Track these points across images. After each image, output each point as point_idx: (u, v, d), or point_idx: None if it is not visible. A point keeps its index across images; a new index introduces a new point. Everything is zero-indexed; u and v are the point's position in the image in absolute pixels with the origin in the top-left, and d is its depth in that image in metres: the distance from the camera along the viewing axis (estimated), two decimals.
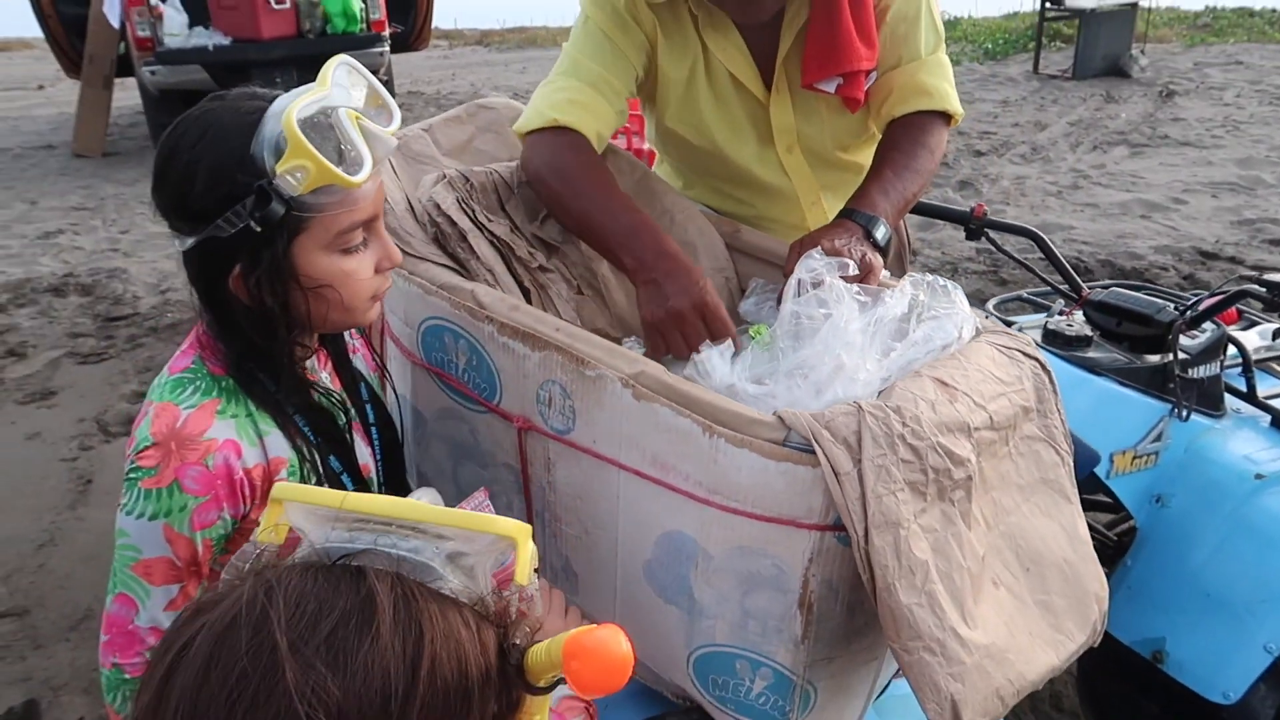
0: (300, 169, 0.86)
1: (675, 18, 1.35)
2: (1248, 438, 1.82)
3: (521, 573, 0.63)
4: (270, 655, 0.50)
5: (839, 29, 1.28)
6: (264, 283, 0.91)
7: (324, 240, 0.93)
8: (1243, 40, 12.31)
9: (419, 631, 0.53)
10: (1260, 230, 5.28)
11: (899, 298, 1.04)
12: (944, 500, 0.87)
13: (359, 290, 0.98)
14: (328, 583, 0.55)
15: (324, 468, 1.02)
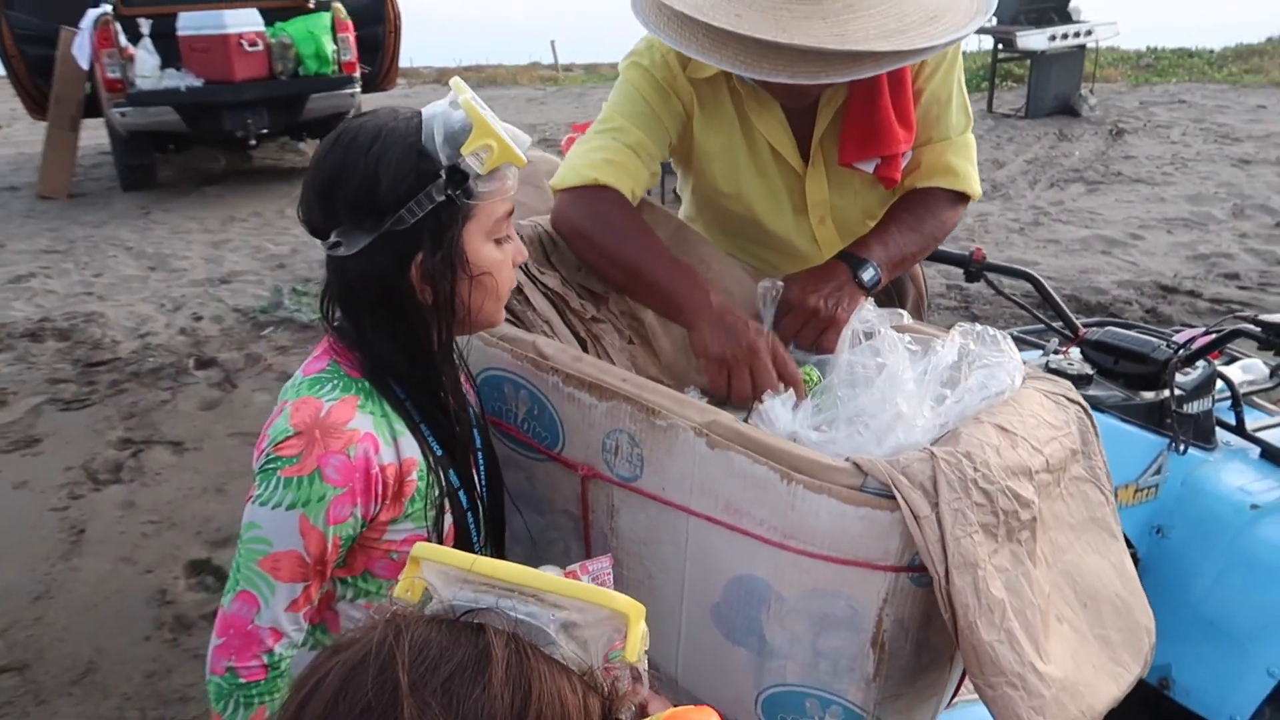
0: (485, 148, 0.94)
1: (714, 92, 1.41)
2: (1240, 469, 1.90)
3: (632, 650, 0.65)
4: (392, 692, 0.54)
5: (879, 113, 1.34)
6: (441, 268, 0.98)
7: (485, 227, 1.01)
8: (1184, 80, 12.79)
9: (527, 687, 0.57)
10: (1215, 265, 5.48)
11: (949, 347, 1.10)
12: (1013, 541, 0.92)
13: (507, 280, 1.06)
14: (450, 633, 0.59)
15: (444, 481, 1.05)
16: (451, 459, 1.07)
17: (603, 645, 0.65)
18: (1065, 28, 9.98)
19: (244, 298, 5.01)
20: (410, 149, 0.95)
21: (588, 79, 17.31)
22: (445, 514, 1.05)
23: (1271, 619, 1.71)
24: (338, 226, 0.97)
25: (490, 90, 16.67)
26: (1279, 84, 11.92)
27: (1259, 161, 8.03)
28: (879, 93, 1.34)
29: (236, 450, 3.38)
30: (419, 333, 1.01)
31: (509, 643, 0.59)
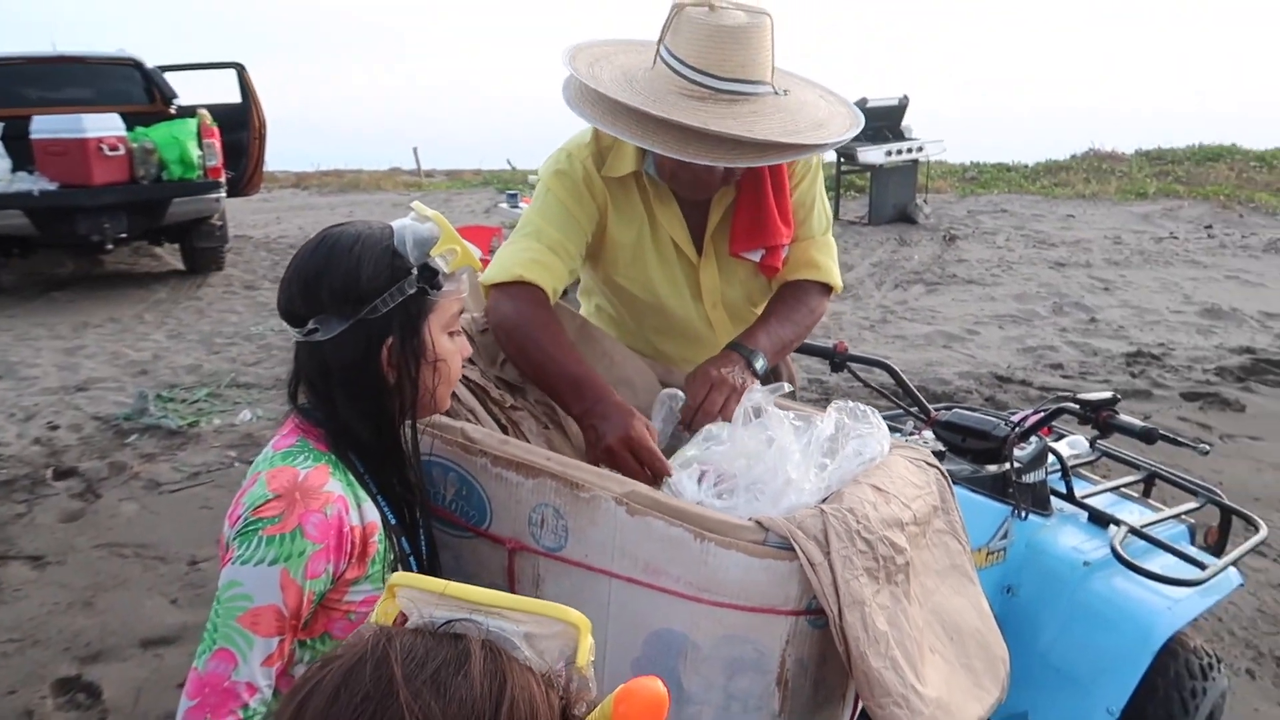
0: (450, 251, 1.12)
1: (625, 191, 1.62)
2: (1073, 532, 2.16)
3: (582, 657, 0.75)
4: (388, 683, 0.65)
5: (764, 210, 1.58)
6: (407, 353, 1.13)
7: (443, 320, 1.17)
8: (1004, 191, 14.10)
9: (502, 679, 0.68)
10: (1041, 356, 6.05)
11: (828, 421, 1.28)
12: (891, 582, 1.08)
13: (457, 368, 1.21)
14: (433, 639, 0.70)
15: (398, 546, 1.17)
16: (403, 529, 1.17)
17: (557, 654, 0.76)
18: (899, 144, 10.93)
19: (104, 405, 4.83)
20: (386, 250, 1.11)
21: (451, 184, 17.57)
22: None
23: (1108, 663, 1.93)
24: (318, 314, 1.11)
25: (354, 195, 16.68)
26: (1084, 196, 13.32)
27: (1072, 264, 8.92)
28: (764, 193, 1.58)
29: (104, 562, 3.25)
30: (384, 410, 1.14)
31: (484, 644, 0.70)
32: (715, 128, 1.36)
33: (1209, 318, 7.03)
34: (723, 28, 1.41)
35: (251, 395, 5.03)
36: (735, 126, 1.37)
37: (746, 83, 1.43)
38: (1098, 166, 15.24)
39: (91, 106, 7.41)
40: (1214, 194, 12.67)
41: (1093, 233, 10.63)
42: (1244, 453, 4.54)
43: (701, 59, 1.41)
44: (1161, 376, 5.61)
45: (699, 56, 1.41)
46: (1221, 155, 15.10)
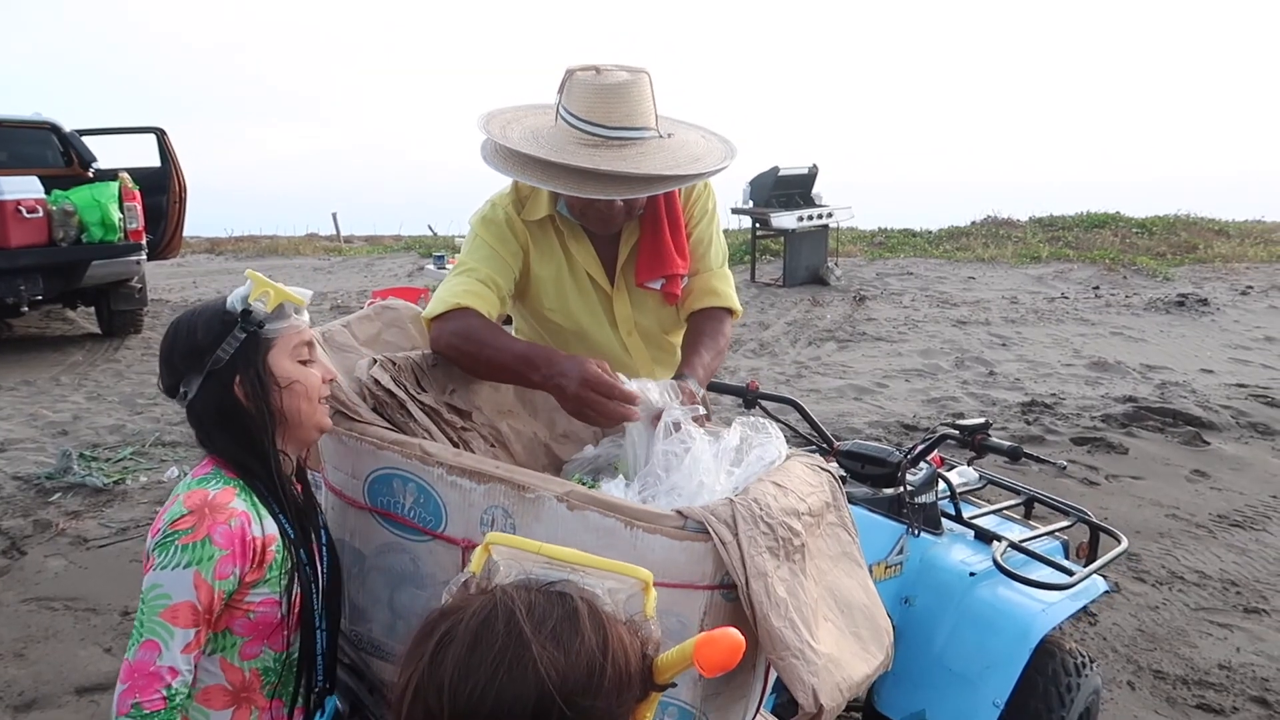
0: (264, 294, 1.35)
1: (543, 231, 1.87)
2: (961, 548, 2.41)
3: (650, 607, 0.96)
4: (520, 638, 0.82)
5: (662, 244, 1.85)
6: (256, 385, 1.33)
7: (286, 351, 1.37)
8: (910, 255, 14.80)
9: (604, 631, 0.86)
10: (945, 406, 6.42)
11: (734, 434, 1.50)
12: (790, 560, 1.29)
13: (314, 387, 1.39)
14: (546, 598, 0.88)
15: (295, 557, 1.36)
16: (302, 541, 1.39)
17: (625, 603, 0.95)
18: (810, 210, 11.46)
19: (24, 465, 4.79)
20: (217, 313, 1.36)
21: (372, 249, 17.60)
22: (295, 583, 1.35)
23: (992, 660, 2.17)
24: (181, 380, 1.34)
25: (274, 260, 16.58)
26: (984, 259, 14.06)
27: (973, 322, 9.45)
28: (661, 230, 1.85)
29: (34, 615, 3.25)
30: (257, 439, 1.35)
31: (585, 601, 0.89)
32: (605, 167, 1.64)
33: (1096, 370, 7.54)
34: (606, 86, 1.69)
35: (178, 453, 5.04)
36: (623, 165, 1.65)
37: (631, 129, 1.70)
38: (996, 232, 16.11)
39: (6, 170, 7.38)
40: (1100, 258, 13.53)
41: (991, 293, 11.26)
42: (1127, 490, 4.92)
43: (591, 113, 1.69)
44: (1053, 424, 6.01)
45: (589, 111, 1.70)
46: (1107, 222, 16.13)
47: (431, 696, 0.83)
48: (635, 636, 0.90)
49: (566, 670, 0.82)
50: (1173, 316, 9.88)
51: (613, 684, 0.84)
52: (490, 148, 1.77)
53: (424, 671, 0.84)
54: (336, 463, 1.53)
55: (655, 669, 0.91)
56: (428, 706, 0.83)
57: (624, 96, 1.69)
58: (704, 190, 1.96)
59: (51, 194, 7.18)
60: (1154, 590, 3.84)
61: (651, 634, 0.93)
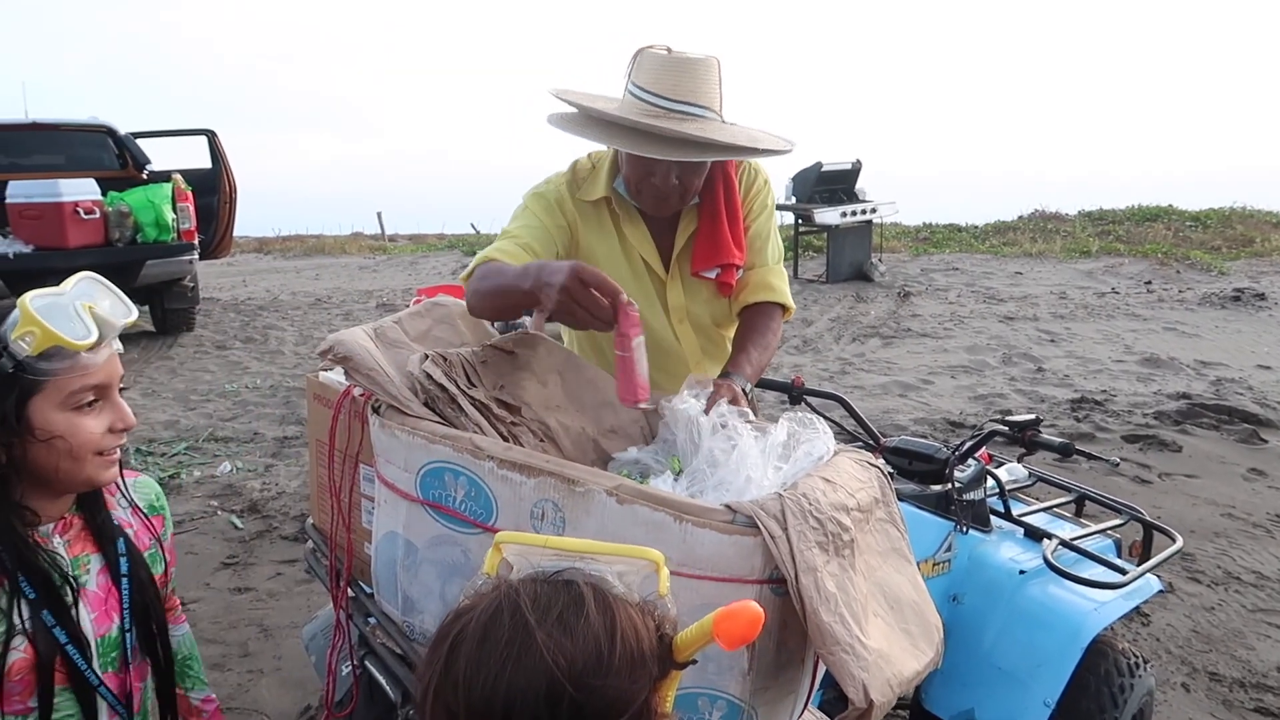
0: (29, 334, 1.14)
1: (598, 213, 1.92)
2: (1010, 545, 2.38)
3: (663, 587, 0.96)
4: (525, 628, 0.83)
5: (720, 233, 1.88)
6: (3, 434, 1.14)
7: (57, 399, 1.17)
8: (955, 250, 14.64)
9: (612, 614, 0.87)
10: (992, 404, 6.34)
11: (781, 429, 1.49)
12: (839, 555, 1.29)
13: (86, 442, 1.20)
14: (551, 587, 0.88)
15: (35, 621, 1.19)
16: (50, 601, 1.21)
17: (639, 585, 0.95)
18: (854, 205, 11.38)
19: None
20: None
21: (416, 248, 17.81)
22: (10, 650, 1.18)
23: (1042, 659, 2.14)
24: None
25: (320, 258, 16.87)
26: (1031, 254, 13.86)
27: (1020, 318, 9.32)
28: (720, 219, 1.87)
29: None
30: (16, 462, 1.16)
31: (590, 586, 0.90)
32: (658, 126, 1.67)
33: (1148, 366, 7.40)
34: (675, 60, 1.73)
35: (230, 449, 5.14)
36: (679, 128, 1.68)
37: (695, 105, 1.73)
38: (1044, 227, 15.87)
39: (64, 172, 7.59)
40: (1153, 252, 13.26)
41: (1039, 289, 11.09)
42: (1181, 489, 4.83)
43: (657, 85, 1.73)
44: (1104, 421, 5.91)
45: (655, 83, 1.73)
46: (1159, 216, 15.81)
47: (449, 695, 0.84)
48: (648, 616, 0.91)
49: (573, 655, 0.83)
50: (1228, 312, 9.66)
51: (623, 663, 0.85)
52: (558, 116, 1.82)
53: (440, 672, 0.85)
54: (389, 456, 1.55)
55: (675, 647, 0.92)
56: (447, 706, 0.84)
57: (690, 72, 1.73)
58: (764, 187, 1.99)
59: (108, 195, 7.37)
60: (1209, 591, 3.76)
61: (668, 613, 0.94)
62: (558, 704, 0.82)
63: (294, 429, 5.57)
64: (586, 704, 0.82)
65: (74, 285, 1.22)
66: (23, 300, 1.14)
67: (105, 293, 1.26)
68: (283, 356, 7.70)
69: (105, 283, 1.27)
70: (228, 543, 3.94)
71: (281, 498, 4.43)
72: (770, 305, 1.93)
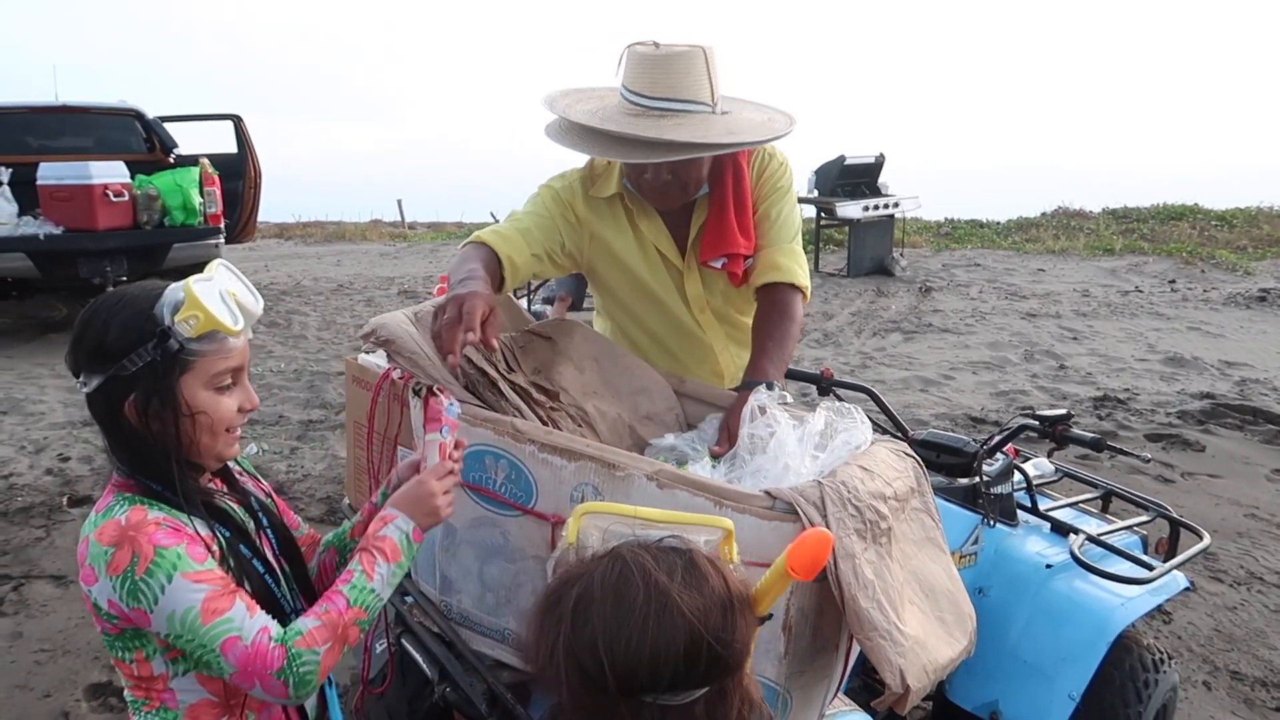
0: (193, 317, 1.19)
1: (612, 208, 1.94)
2: (1037, 540, 2.39)
3: (733, 554, 1.05)
4: (658, 586, 0.91)
5: (725, 224, 1.88)
6: (154, 409, 1.20)
7: (204, 378, 1.23)
8: (977, 246, 14.55)
9: (721, 572, 0.95)
10: (1013, 400, 6.32)
11: (818, 418, 1.51)
12: (876, 543, 1.30)
13: (223, 418, 1.27)
14: (665, 552, 0.96)
15: (236, 555, 1.28)
16: (239, 535, 1.31)
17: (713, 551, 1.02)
18: (876, 200, 11.33)
19: None
20: (141, 313, 1.20)
21: (435, 236, 17.86)
22: (244, 579, 1.26)
23: (1068, 653, 2.15)
24: (83, 370, 1.21)
25: (341, 245, 16.93)
26: (1054, 251, 13.76)
27: (1042, 315, 9.27)
28: (727, 209, 1.87)
29: None
30: (151, 459, 1.22)
31: (697, 551, 0.98)
32: (638, 133, 1.67)
33: (1172, 365, 7.35)
34: (655, 57, 1.74)
35: (255, 431, 5.19)
36: (654, 133, 1.68)
37: (675, 100, 1.73)
38: (1067, 224, 15.76)
39: (92, 155, 7.65)
40: (1177, 251, 13.15)
41: (1062, 286, 11.03)
42: (1204, 489, 4.81)
43: (636, 83, 1.75)
44: (1127, 419, 5.89)
45: (634, 81, 1.76)
46: (1184, 214, 15.67)
47: (585, 656, 0.90)
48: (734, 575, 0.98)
49: (706, 610, 0.90)
50: (1254, 312, 9.58)
51: (741, 617, 0.93)
52: (552, 125, 1.86)
53: (568, 635, 0.91)
54: None
55: (755, 601, 0.99)
56: (581, 666, 0.90)
57: (670, 69, 1.73)
58: (779, 168, 1.95)
59: (136, 179, 7.43)
60: (1232, 590, 3.75)
61: (742, 575, 1.01)
62: (696, 655, 0.90)
63: (318, 413, 5.62)
64: (720, 654, 0.91)
65: (218, 273, 1.26)
66: (187, 284, 1.20)
67: (240, 282, 1.30)
68: (306, 341, 7.76)
69: (237, 272, 1.31)
70: None
71: (307, 480, 4.47)
72: (782, 287, 1.87)
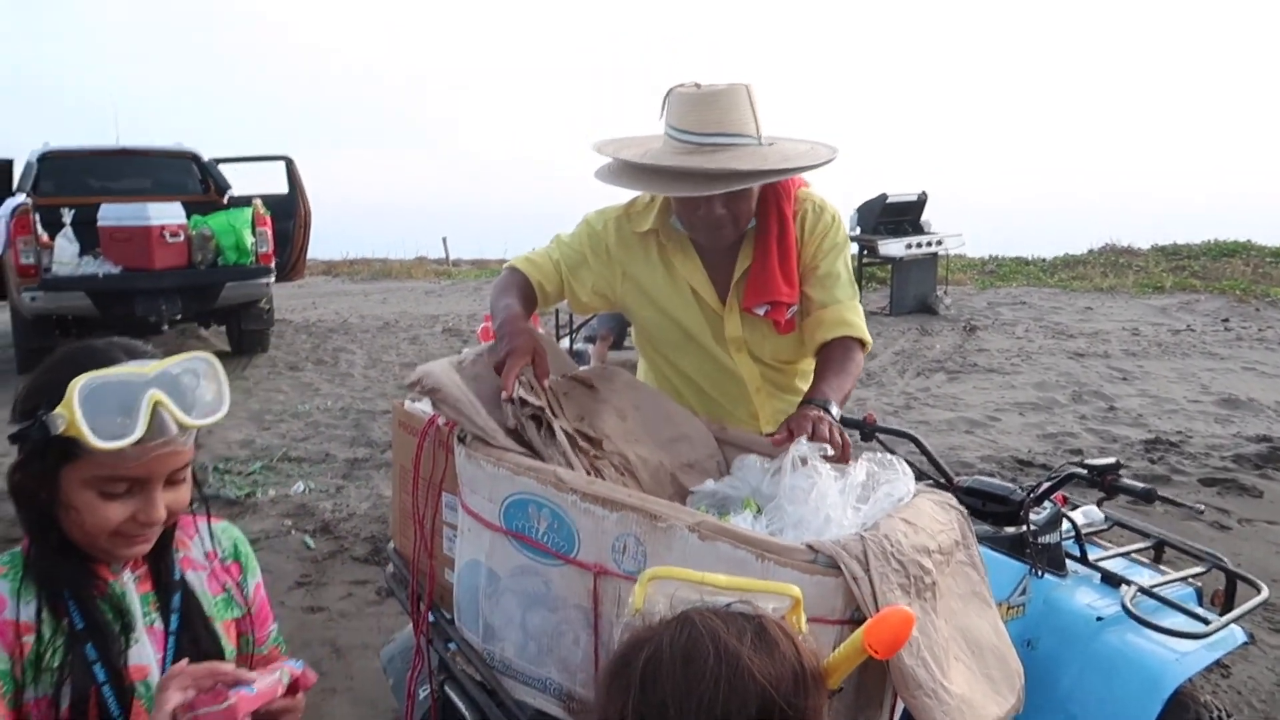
0: (61, 416, 1.07)
1: (644, 244, 2.00)
2: (1087, 591, 2.34)
3: (801, 623, 1.04)
4: (729, 650, 0.91)
5: (770, 270, 1.93)
6: (28, 485, 1.14)
7: (85, 476, 1.12)
8: (1022, 284, 14.39)
9: (792, 640, 0.95)
10: (1061, 442, 6.21)
11: (860, 469, 1.51)
12: (921, 598, 1.29)
13: (100, 526, 1.13)
14: (734, 617, 0.96)
15: (75, 651, 1.14)
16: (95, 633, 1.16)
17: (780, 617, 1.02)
18: (919, 238, 11.28)
19: None
20: (54, 384, 1.09)
21: (479, 273, 18.09)
22: (62, 682, 1.13)
23: (1120, 709, 2.09)
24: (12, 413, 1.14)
25: (386, 283, 17.23)
26: (1102, 289, 13.56)
27: (1091, 355, 9.11)
28: (771, 256, 1.93)
29: None
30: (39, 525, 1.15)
31: (766, 617, 0.98)
32: (695, 165, 1.75)
33: (1226, 407, 7.17)
34: (701, 95, 1.81)
35: (303, 469, 5.28)
36: (705, 163, 1.76)
37: (725, 135, 1.80)
38: (1115, 261, 15.53)
39: (151, 196, 7.91)
40: (1230, 289, 12.89)
41: (1110, 325, 10.85)
42: (1262, 536, 4.67)
43: (684, 121, 1.82)
44: (1180, 463, 5.75)
45: (682, 119, 1.82)
46: (1237, 251, 15.36)
47: (653, 716, 0.91)
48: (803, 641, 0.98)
49: (778, 676, 0.90)
50: None
51: (812, 685, 0.93)
52: (604, 169, 1.94)
53: (637, 698, 0.92)
54: (474, 486, 1.60)
55: (826, 673, 0.98)
56: None
57: (715, 104, 1.80)
58: (830, 224, 2.02)
59: (191, 219, 7.66)
60: None
61: (811, 644, 1.00)
62: None
63: (364, 451, 5.69)
64: None
65: (161, 371, 1.14)
66: (75, 380, 1.07)
67: (201, 383, 1.19)
68: (353, 379, 7.88)
69: (209, 372, 1.21)
70: (300, 562, 4.04)
71: (352, 519, 4.53)
72: (848, 340, 1.95)
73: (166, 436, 1.12)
